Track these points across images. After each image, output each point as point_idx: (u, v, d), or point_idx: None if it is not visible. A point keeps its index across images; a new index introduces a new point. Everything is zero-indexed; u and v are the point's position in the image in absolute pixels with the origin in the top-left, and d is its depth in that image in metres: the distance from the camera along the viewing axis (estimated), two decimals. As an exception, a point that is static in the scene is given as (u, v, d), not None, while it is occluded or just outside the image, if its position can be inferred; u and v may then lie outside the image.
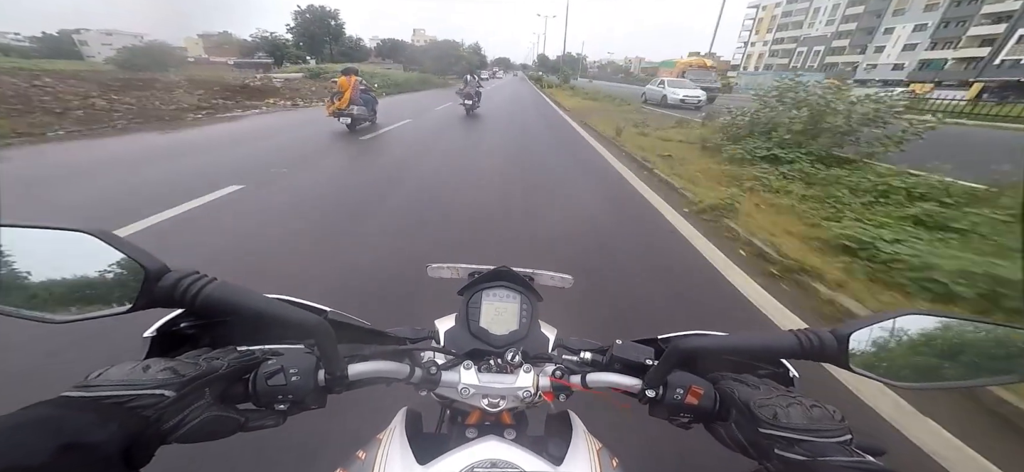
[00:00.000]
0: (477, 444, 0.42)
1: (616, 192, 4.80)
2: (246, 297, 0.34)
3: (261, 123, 9.30)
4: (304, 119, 10.11)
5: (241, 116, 10.33)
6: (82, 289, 0.31)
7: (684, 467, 1.31)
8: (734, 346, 0.41)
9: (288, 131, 8.17)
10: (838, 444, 0.34)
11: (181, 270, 0.34)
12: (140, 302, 0.32)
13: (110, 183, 4.16)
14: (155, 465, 0.31)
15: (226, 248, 2.84)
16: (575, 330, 0.59)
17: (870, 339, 0.37)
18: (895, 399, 1.65)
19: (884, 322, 0.37)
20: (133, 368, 0.33)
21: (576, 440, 0.46)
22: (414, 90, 24.77)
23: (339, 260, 2.70)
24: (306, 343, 0.45)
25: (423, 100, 17.88)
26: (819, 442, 0.34)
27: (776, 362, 0.49)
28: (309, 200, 3.93)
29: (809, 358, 0.37)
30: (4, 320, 0.30)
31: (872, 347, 0.37)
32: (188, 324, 0.44)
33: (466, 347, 0.52)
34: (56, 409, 0.27)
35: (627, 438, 0.59)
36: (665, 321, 2.19)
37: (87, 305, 0.31)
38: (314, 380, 0.39)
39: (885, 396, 1.66)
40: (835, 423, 0.35)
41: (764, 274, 2.74)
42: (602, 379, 0.47)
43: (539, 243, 3.16)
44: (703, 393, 0.42)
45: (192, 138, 7.18)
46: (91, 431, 0.27)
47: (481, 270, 0.59)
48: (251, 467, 1.24)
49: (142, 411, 0.30)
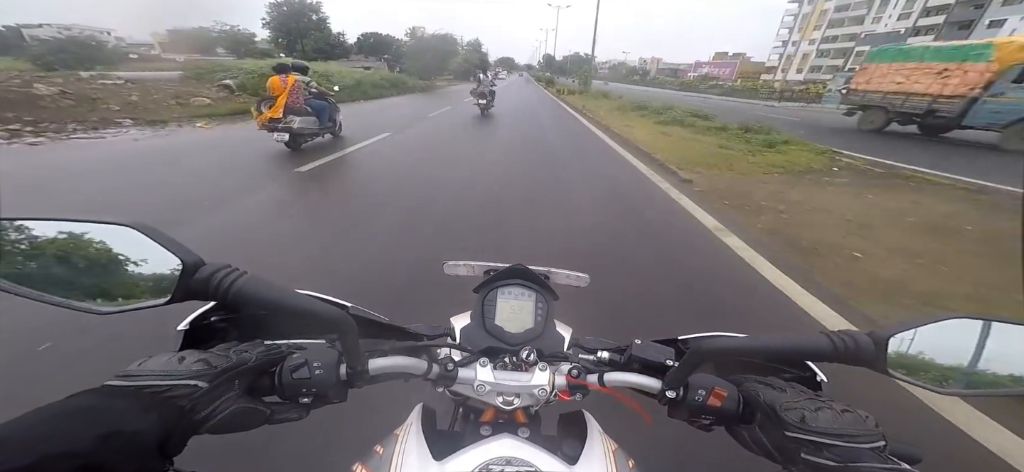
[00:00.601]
0: (492, 442, 0.42)
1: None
2: (274, 291, 0.35)
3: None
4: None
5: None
6: (124, 281, 0.33)
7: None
8: (761, 348, 0.40)
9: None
10: (871, 449, 0.32)
11: (215, 263, 0.35)
12: (178, 294, 0.33)
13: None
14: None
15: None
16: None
17: (911, 343, 0.35)
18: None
19: (926, 326, 0.35)
20: (169, 359, 0.35)
21: (591, 440, 0.45)
22: (383, 96, 18.02)
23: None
24: (328, 338, 0.46)
25: (409, 109, 13.60)
26: (850, 447, 0.32)
27: (802, 365, 0.48)
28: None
29: (843, 362, 0.35)
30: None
31: (913, 351, 0.35)
32: (218, 318, 0.46)
33: (481, 344, 0.52)
34: (101, 398, 0.29)
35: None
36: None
37: (129, 297, 0.33)
38: (336, 374, 0.40)
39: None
40: (868, 428, 0.34)
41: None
42: (620, 379, 0.47)
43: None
44: (726, 395, 0.41)
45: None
46: (132, 419, 0.28)
47: (497, 268, 0.60)
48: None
49: (177, 401, 0.32)
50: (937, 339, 0.35)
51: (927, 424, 1.57)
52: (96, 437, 0.26)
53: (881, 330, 0.35)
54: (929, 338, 0.35)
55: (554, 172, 5.55)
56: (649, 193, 4.80)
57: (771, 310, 2.37)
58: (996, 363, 0.35)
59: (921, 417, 1.60)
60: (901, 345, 0.35)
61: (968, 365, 0.35)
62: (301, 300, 0.36)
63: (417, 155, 6.30)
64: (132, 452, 0.27)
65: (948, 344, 0.35)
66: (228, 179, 4.35)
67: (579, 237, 3.34)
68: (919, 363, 0.35)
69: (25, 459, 0.23)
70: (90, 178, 4.19)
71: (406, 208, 3.77)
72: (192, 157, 5.33)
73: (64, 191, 3.77)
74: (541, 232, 3.38)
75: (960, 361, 0.35)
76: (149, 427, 0.28)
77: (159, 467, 0.30)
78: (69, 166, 4.61)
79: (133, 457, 0.27)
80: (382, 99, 17.02)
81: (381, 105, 14.39)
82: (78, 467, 0.24)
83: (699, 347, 0.39)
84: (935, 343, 0.35)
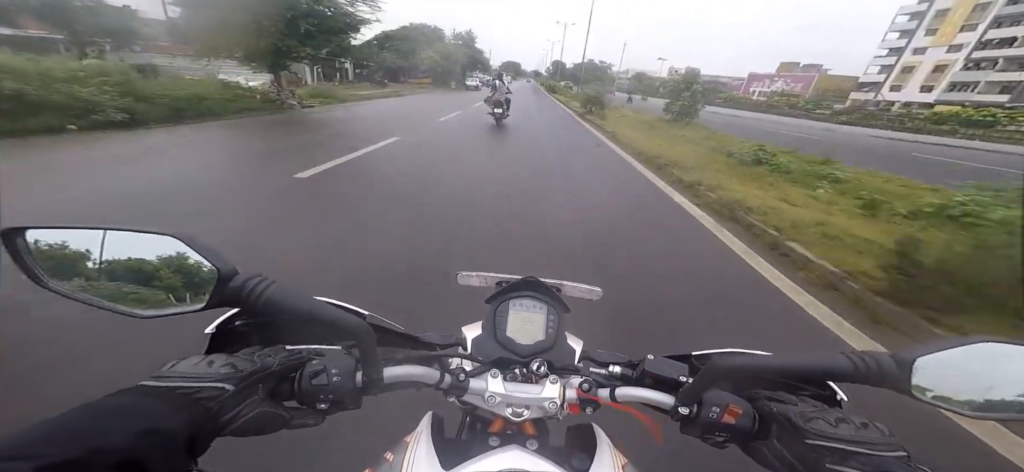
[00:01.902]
0: (500, 453, 0.42)
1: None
2: (299, 299, 0.36)
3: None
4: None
5: None
6: (163, 288, 0.36)
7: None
8: (780, 367, 0.39)
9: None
10: (895, 458, 0.32)
11: (247, 273, 0.37)
12: (213, 301, 0.35)
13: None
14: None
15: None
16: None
17: (936, 365, 0.34)
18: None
19: (953, 349, 0.35)
20: (199, 362, 0.36)
21: (600, 454, 0.45)
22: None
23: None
24: (345, 345, 0.47)
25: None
26: (876, 456, 0.32)
27: (822, 384, 0.47)
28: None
29: (866, 383, 0.35)
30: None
31: (939, 373, 0.35)
32: (242, 322, 0.48)
33: (492, 355, 0.52)
34: (139, 397, 0.31)
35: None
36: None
37: (167, 303, 0.35)
38: (353, 381, 0.41)
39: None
40: (888, 439, 0.33)
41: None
42: (632, 394, 0.46)
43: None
44: (742, 412, 0.41)
45: None
46: (165, 418, 0.30)
47: (509, 279, 0.60)
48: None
49: (206, 402, 0.33)
50: (963, 362, 0.35)
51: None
52: (136, 433, 0.27)
53: (905, 352, 0.35)
54: (955, 361, 0.34)
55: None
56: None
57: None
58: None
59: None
60: (926, 368, 0.34)
61: (996, 387, 0.35)
62: (324, 309, 0.37)
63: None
64: (164, 450, 0.29)
65: (974, 367, 0.35)
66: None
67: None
68: (945, 386, 0.35)
69: (76, 451, 0.24)
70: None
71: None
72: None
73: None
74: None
75: (987, 383, 0.35)
76: (180, 426, 0.30)
77: (185, 466, 0.31)
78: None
79: (165, 455, 0.29)
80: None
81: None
82: (119, 462, 0.26)
83: (716, 364, 0.39)
84: (961, 365, 0.35)
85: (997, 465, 1.56)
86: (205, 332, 0.45)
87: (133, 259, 0.35)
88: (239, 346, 0.43)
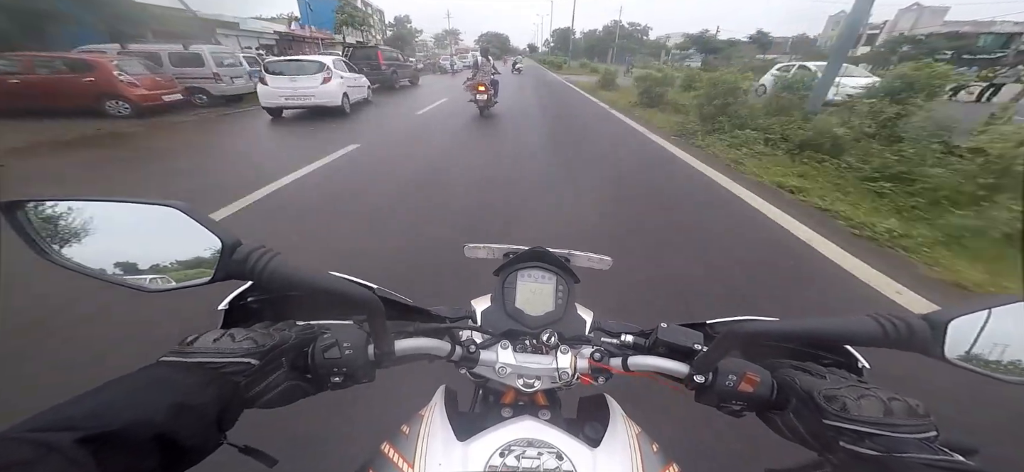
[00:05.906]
0: (513, 423, 0.42)
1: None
2: (305, 273, 0.36)
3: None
4: None
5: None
6: (169, 261, 0.35)
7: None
8: (798, 331, 0.37)
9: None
10: (919, 440, 0.30)
11: (250, 244, 0.36)
12: (218, 274, 0.34)
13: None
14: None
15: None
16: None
17: (971, 328, 0.32)
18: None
19: (990, 309, 0.32)
20: (220, 337, 0.37)
21: (614, 423, 0.44)
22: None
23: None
24: (355, 319, 0.47)
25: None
26: (895, 436, 0.30)
27: (840, 350, 0.45)
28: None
29: (895, 347, 0.33)
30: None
31: (974, 336, 0.32)
32: (253, 299, 0.48)
33: (502, 327, 0.52)
34: (169, 371, 0.31)
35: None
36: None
37: (173, 276, 0.35)
38: (365, 355, 0.41)
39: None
40: (917, 417, 0.32)
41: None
42: (645, 362, 0.46)
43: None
44: (759, 381, 0.40)
45: None
46: (196, 393, 0.30)
47: (516, 250, 0.59)
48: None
49: (233, 377, 0.34)
50: (1000, 323, 0.32)
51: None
52: (169, 407, 0.28)
53: (937, 313, 0.32)
54: (992, 322, 0.32)
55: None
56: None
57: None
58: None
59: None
60: (960, 330, 0.32)
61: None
62: (332, 281, 0.36)
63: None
64: (196, 424, 0.29)
65: (1012, 328, 0.32)
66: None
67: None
68: (982, 349, 0.32)
69: (115, 424, 0.25)
70: None
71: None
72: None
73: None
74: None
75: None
76: (210, 401, 0.31)
77: (215, 439, 0.32)
78: None
79: (197, 429, 0.29)
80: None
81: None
82: (153, 435, 0.26)
83: (732, 331, 0.38)
84: (998, 327, 0.32)
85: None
86: (218, 308, 0.45)
87: (136, 231, 0.35)
88: (252, 322, 0.43)
